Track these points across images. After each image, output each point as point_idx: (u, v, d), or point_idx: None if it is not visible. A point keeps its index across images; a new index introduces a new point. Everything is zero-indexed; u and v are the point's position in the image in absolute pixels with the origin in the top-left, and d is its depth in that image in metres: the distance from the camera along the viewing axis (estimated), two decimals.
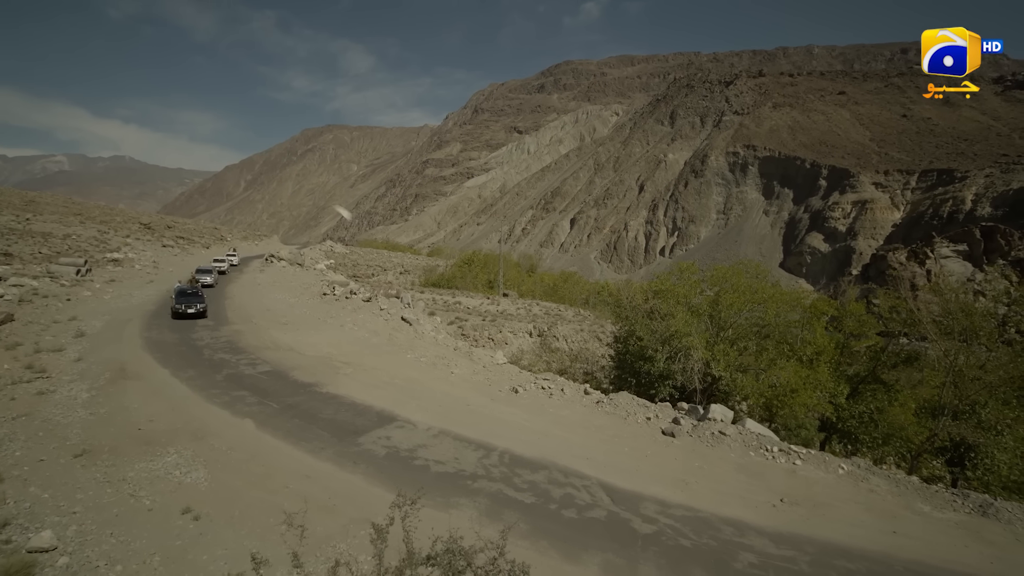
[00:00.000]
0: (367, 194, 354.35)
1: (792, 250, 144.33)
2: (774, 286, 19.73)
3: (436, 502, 9.22)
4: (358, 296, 27.93)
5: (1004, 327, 15.25)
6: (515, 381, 17.17)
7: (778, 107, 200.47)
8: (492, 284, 51.50)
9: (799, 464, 12.01)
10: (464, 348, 21.57)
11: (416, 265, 63.82)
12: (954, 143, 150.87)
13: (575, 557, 8.14)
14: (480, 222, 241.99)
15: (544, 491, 10.17)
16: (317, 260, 49.97)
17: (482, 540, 4.69)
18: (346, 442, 11.84)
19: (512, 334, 31.24)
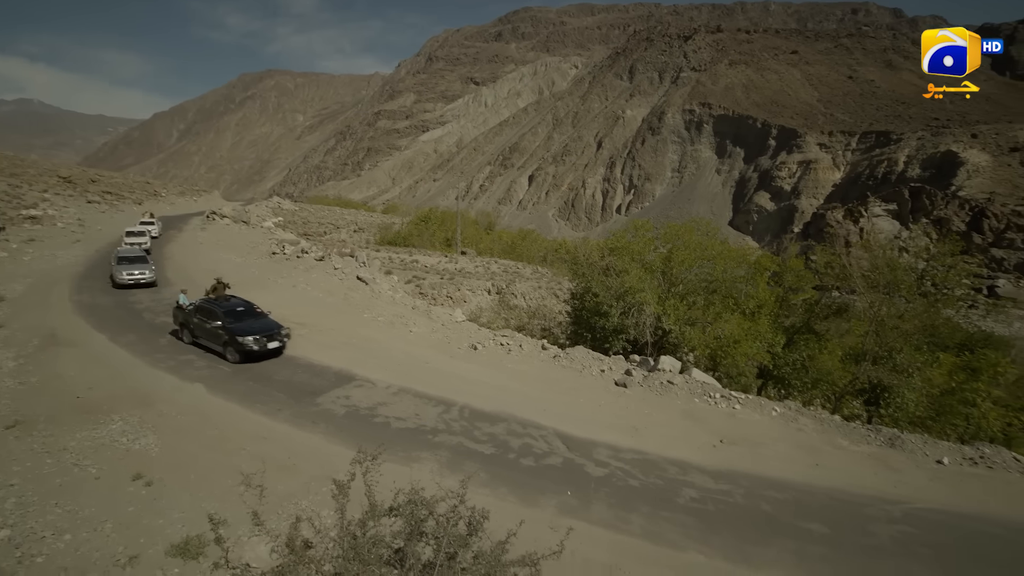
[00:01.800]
0: (315, 147, 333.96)
1: (741, 208, 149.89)
2: (723, 243, 20.59)
3: (398, 457, 9.42)
4: (310, 255, 26.90)
5: (922, 280, 16.75)
6: (474, 338, 17.37)
7: (734, 65, 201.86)
8: (450, 242, 50.86)
9: (738, 408, 13.03)
10: (422, 307, 21.47)
11: (371, 223, 61.77)
12: (893, 106, 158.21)
13: (533, 501, 8.64)
14: (436, 178, 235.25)
15: (503, 442, 10.58)
16: (264, 217, 47.35)
17: (443, 490, 4.87)
18: (304, 403, 11.75)
19: (471, 292, 31.29)
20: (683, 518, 8.49)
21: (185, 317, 15.21)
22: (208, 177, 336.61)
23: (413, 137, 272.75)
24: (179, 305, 15.81)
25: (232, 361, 13.85)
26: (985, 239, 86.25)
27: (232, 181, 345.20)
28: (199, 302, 15.50)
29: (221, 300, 15.53)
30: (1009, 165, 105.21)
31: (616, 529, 8.09)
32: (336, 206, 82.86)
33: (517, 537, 4.96)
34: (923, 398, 15.10)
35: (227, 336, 13.97)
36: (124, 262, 20.55)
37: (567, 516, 8.13)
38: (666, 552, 7.65)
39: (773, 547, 7.91)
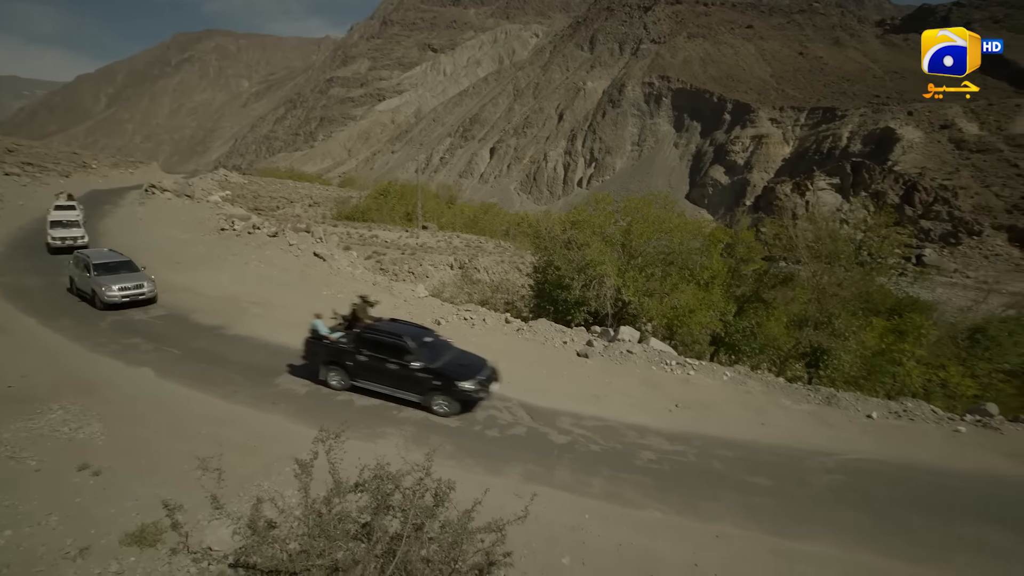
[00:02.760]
0: (263, 115, 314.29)
1: (697, 182, 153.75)
2: (680, 216, 21.18)
3: (362, 434, 9.39)
4: (263, 231, 25.69)
5: (859, 251, 17.94)
6: (437, 313, 17.29)
7: (692, 38, 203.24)
8: (410, 216, 49.78)
9: (692, 374, 13.70)
10: (384, 283, 21.08)
11: (327, 196, 59.39)
12: (839, 83, 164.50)
13: (498, 470, 8.86)
14: (395, 150, 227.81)
15: (468, 415, 10.72)
16: (210, 191, 44.58)
17: (409, 464, 4.92)
18: (262, 384, 11.43)
19: (433, 267, 30.94)
20: (641, 478, 8.96)
21: (334, 353, 11.01)
22: (145, 148, 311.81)
23: (369, 106, 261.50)
24: (318, 336, 11.38)
25: (441, 413, 10.41)
26: (915, 211, 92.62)
27: (172, 152, 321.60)
28: (362, 331, 11.16)
29: (386, 325, 11.66)
30: (939, 142, 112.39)
31: (579, 492, 8.44)
32: (289, 179, 78.98)
33: (483, 505, 5.10)
34: (857, 359, 16.36)
35: (434, 380, 10.34)
36: (105, 271, 15.34)
37: (532, 483, 8.40)
38: (625, 511, 8.07)
39: (722, 500, 8.50)
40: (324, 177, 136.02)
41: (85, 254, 16.49)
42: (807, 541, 7.64)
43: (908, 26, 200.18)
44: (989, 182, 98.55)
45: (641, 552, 7.11)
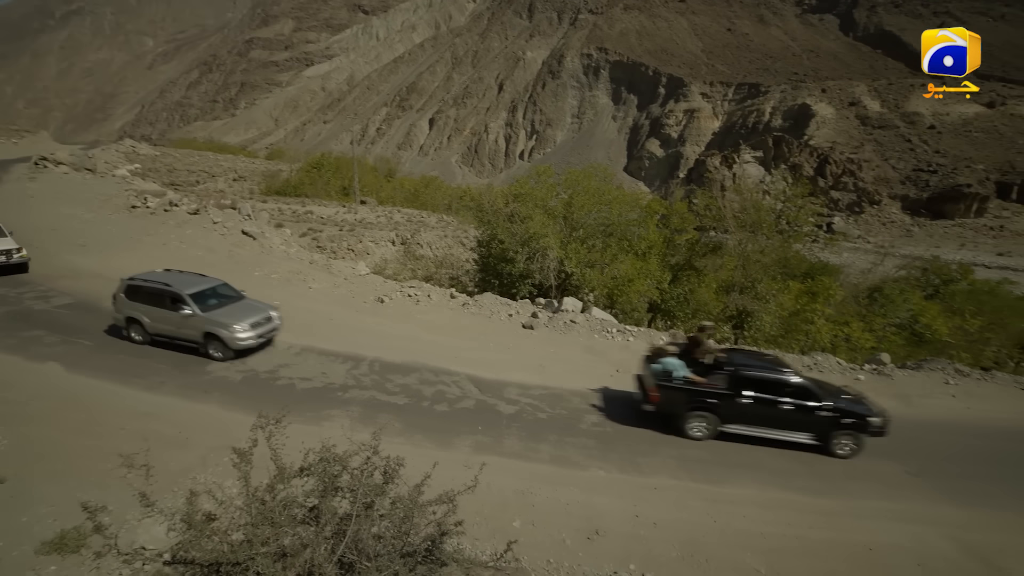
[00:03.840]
0: (174, 79, 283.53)
1: (634, 155, 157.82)
2: (618, 189, 21.76)
3: (306, 417, 9.13)
4: (181, 208, 23.59)
5: (779, 220, 19.37)
6: (380, 291, 16.88)
7: (628, 9, 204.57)
8: (347, 191, 47.51)
9: (632, 340, 14.40)
10: (321, 261, 20.18)
11: (253, 170, 55.21)
12: (763, 60, 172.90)
13: (448, 443, 8.98)
14: (327, 120, 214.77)
15: (416, 391, 10.71)
16: (116, 164, 40.00)
17: (356, 444, 4.87)
18: (192, 372, 10.75)
19: (374, 243, 29.96)
20: (585, 441, 9.43)
21: (704, 398, 9.42)
22: (30, 114, 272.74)
23: (296, 72, 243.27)
24: (669, 377, 9.59)
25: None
26: (827, 183, 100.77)
27: (66, 120, 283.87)
28: (739, 368, 9.55)
29: (749, 358, 10.27)
30: (847, 118, 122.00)
31: (527, 459, 8.76)
32: (209, 151, 72.44)
33: (434, 478, 5.17)
34: (776, 320, 17.88)
35: (841, 417, 9.16)
36: (213, 304, 11.78)
37: (481, 453, 8.59)
38: (571, 472, 8.50)
39: (660, 455, 9.15)
40: (249, 149, 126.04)
41: (155, 280, 11.71)
42: (732, 485, 8.44)
43: (823, 6, 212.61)
44: (888, 155, 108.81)
45: (587, 509, 7.55)
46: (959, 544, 7.41)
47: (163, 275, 12.38)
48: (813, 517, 7.77)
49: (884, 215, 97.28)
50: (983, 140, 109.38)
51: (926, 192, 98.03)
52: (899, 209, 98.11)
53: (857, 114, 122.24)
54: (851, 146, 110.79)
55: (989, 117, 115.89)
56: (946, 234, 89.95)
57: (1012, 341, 19.72)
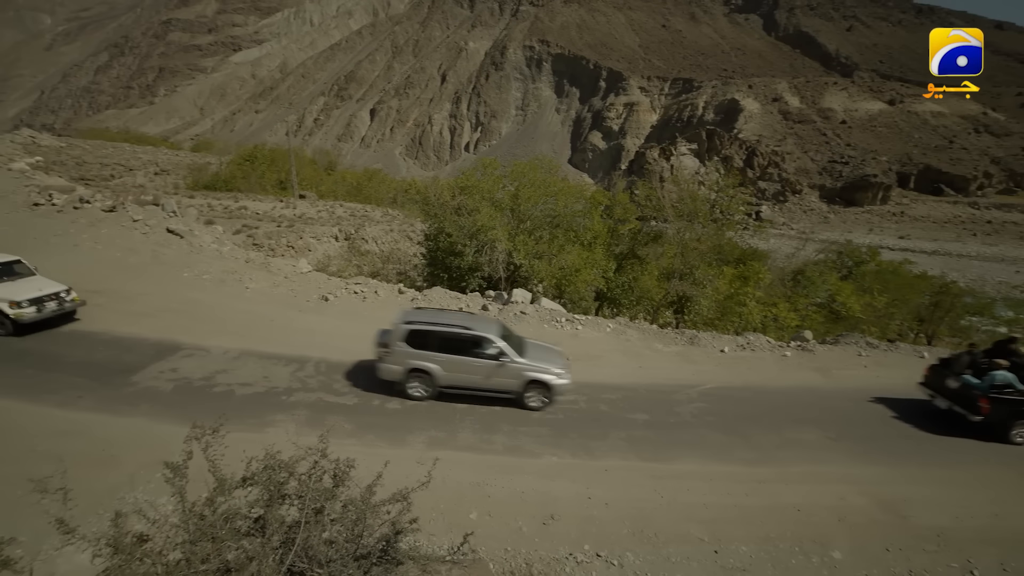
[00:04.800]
0: (79, 62, 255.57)
1: (578, 147, 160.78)
2: (563, 180, 22.11)
3: (248, 424, 8.69)
4: (95, 205, 21.47)
5: (713, 209, 20.49)
6: (324, 289, 16.25)
7: (568, 3, 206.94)
8: (284, 185, 45.12)
9: (580, 329, 14.77)
10: (259, 259, 19.12)
11: (177, 163, 51.08)
12: (695, 56, 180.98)
13: (401, 441, 8.86)
14: (259, 109, 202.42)
15: (367, 391, 10.44)
16: (12, 157, 35.67)
17: (303, 449, 4.68)
18: (114, 384, 9.90)
19: (315, 240, 28.71)
20: (538, 429, 9.60)
21: None
22: None
23: (222, 57, 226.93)
24: (1001, 389, 10.08)
25: None
26: (754, 173, 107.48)
27: None
28: None
29: None
30: (771, 113, 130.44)
31: (481, 451, 8.81)
32: (125, 142, 66.20)
33: (387, 478, 5.08)
34: (712, 303, 18.96)
35: None
36: (534, 351, 10.79)
37: (436, 449, 8.55)
38: (526, 461, 8.65)
39: (609, 438, 9.49)
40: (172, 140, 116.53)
41: (450, 323, 10.36)
42: (676, 462, 8.92)
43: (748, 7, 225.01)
44: (807, 148, 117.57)
45: (541, 495, 7.72)
46: (872, 498, 8.26)
47: (450, 315, 11.06)
48: (749, 485, 8.38)
49: (805, 203, 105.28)
50: (886, 134, 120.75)
51: (839, 182, 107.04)
52: (817, 198, 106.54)
53: (780, 109, 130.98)
54: (775, 139, 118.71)
55: (890, 114, 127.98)
56: (857, 220, 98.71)
57: (912, 315, 22.07)
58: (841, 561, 6.96)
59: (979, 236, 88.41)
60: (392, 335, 10.07)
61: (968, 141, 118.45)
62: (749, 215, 26.32)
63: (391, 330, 10.16)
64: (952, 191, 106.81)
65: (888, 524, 7.75)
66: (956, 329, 22.65)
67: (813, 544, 7.21)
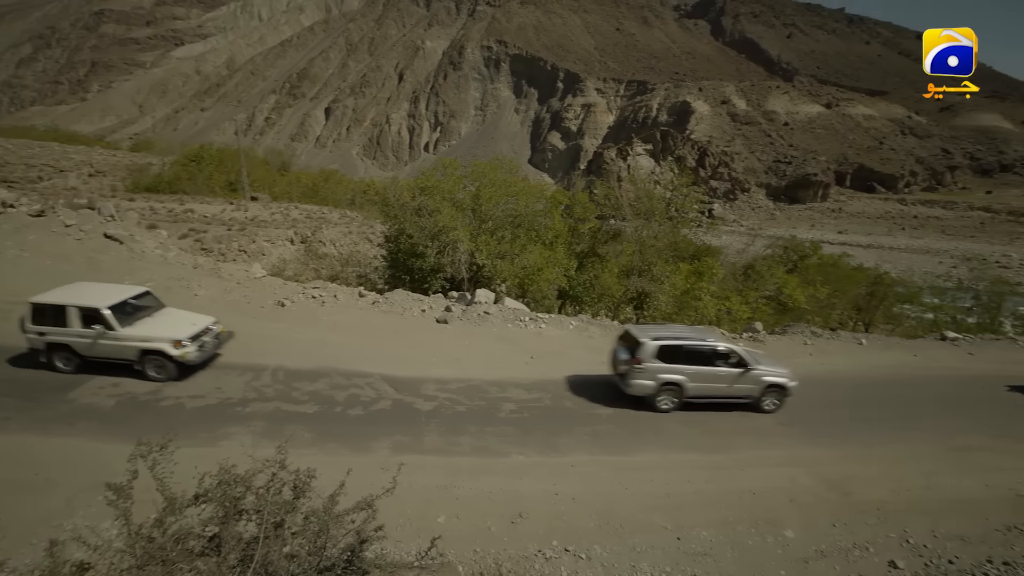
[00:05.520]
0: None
1: (538, 147, 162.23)
2: (524, 180, 22.24)
3: (200, 439, 8.27)
4: (20, 209, 19.78)
5: (669, 207, 21.16)
6: (280, 294, 15.67)
7: (524, 4, 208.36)
8: (234, 186, 43.13)
9: (544, 327, 14.91)
10: (208, 264, 18.20)
11: (115, 164, 47.84)
12: (648, 59, 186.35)
13: (365, 447, 8.66)
14: (205, 107, 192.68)
15: (327, 397, 10.15)
16: None
17: (260, 461, 4.50)
18: (47, 403, 9.18)
19: (269, 243, 27.62)
20: (504, 429, 9.62)
21: None
22: None
23: (163, 52, 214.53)
24: None
25: None
26: (706, 173, 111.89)
27: None
28: None
29: None
30: (720, 115, 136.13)
31: (448, 453, 8.74)
32: (54, 141, 61.38)
33: (351, 486, 4.96)
34: (670, 299, 19.59)
35: None
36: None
37: (401, 453, 8.41)
38: (493, 461, 8.64)
39: (575, 434, 9.63)
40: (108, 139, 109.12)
41: (691, 337, 11.15)
42: (639, 453, 9.16)
43: (697, 12, 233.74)
44: (753, 149, 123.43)
45: (509, 495, 7.75)
46: (820, 479, 8.77)
47: (679, 329, 11.94)
48: (707, 472, 8.72)
49: (753, 201, 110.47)
50: (824, 136, 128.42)
51: (784, 180, 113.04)
52: (764, 196, 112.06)
53: (728, 111, 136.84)
54: (724, 140, 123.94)
55: (828, 116, 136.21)
56: (800, 216, 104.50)
57: (851, 304, 23.60)
58: (793, 539, 7.36)
59: (907, 230, 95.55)
60: (644, 351, 10.39)
61: (896, 142, 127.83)
62: (702, 213, 27.38)
63: (642, 346, 10.45)
64: (883, 188, 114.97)
65: (834, 502, 8.26)
66: (890, 317, 24.39)
67: (768, 525, 7.59)
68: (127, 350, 10.05)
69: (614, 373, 11.02)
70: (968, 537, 7.65)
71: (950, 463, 9.60)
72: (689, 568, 6.72)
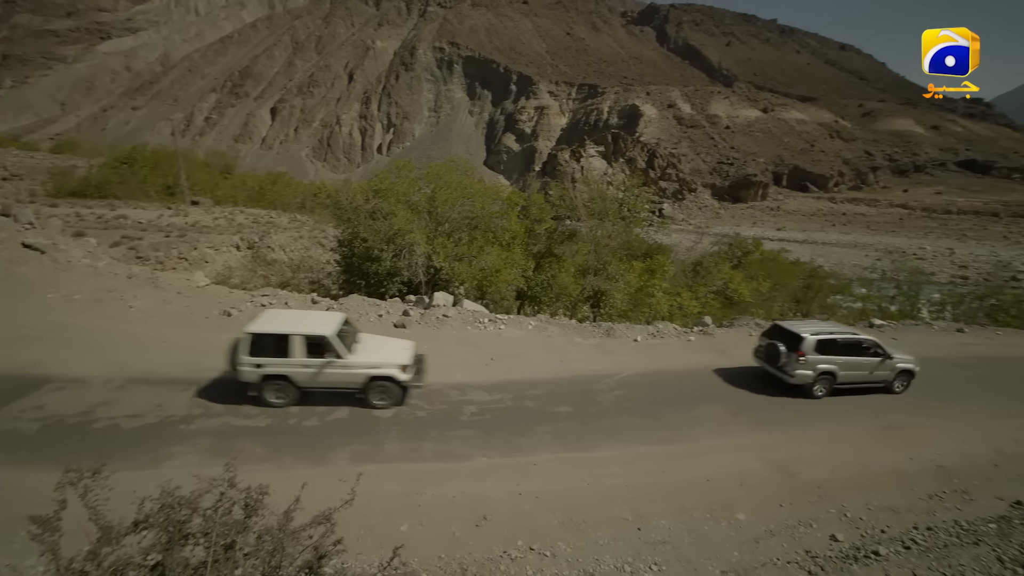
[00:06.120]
0: None
1: (493, 149, 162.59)
2: (480, 182, 22.20)
3: (139, 461, 7.73)
4: None
5: (621, 207, 21.77)
6: (225, 303, 14.88)
7: (476, 6, 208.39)
8: (173, 190, 40.58)
9: (503, 328, 14.95)
10: (144, 274, 17.04)
11: (33, 166, 43.80)
12: (598, 64, 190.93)
13: (322, 459, 8.37)
14: (137, 106, 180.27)
15: (280, 410, 9.74)
16: None
17: (207, 481, 4.25)
18: None
19: (213, 250, 26.18)
20: (467, 432, 9.57)
21: None
22: None
23: (87, 45, 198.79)
24: None
25: None
26: (656, 174, 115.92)
27: None
28: None
29: None
30: (667, 118, 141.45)
31: (409, 460, 8.59)
32: None
33: (309, 499, 4.77)
34: (625, 296, 20.14)
35: None
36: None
37: (361, 463, 8.19)
38: (456, 465, 8.58)
39: (536, 433, 9.72)
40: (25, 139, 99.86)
41: (845, 331, 13.09)
42: (599, 449, 9.36)
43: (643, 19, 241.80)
44: (699, 150, 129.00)
45: (473, 498, 7.71)
46: (767, 462, 9.28)
47: (817, 325, 13.34)
48: (665, 463, 9.03)
49: (699, 201, 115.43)
50: (762, 138, 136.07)
51: (727, 181, 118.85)
52: (710, 195, 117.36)
53: (674, 115, 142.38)
54: (672, 142, 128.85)
55: (765, 120, 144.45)
56: (743, 215, 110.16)
57: (790, 297, 25.12)
58: (745, 521, 7.75)
59: (837, 226, 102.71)
60: (806, 345, 11.84)
61: (825, 145, 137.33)
62: (653, 212, 28.34)
63: (804, 341, 11.86)
64: (815, 188, 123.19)
65: (780, 483, 8.76)
66: (824, 307, 26.14)
67: (721, 509, 7.94)
68: (354, 377, 9.80)
69: (771, 366, 12.36)
70: (897, 507, 8.32)
71: (880, 441, 10.41)
72: (650, 557, 6.92)
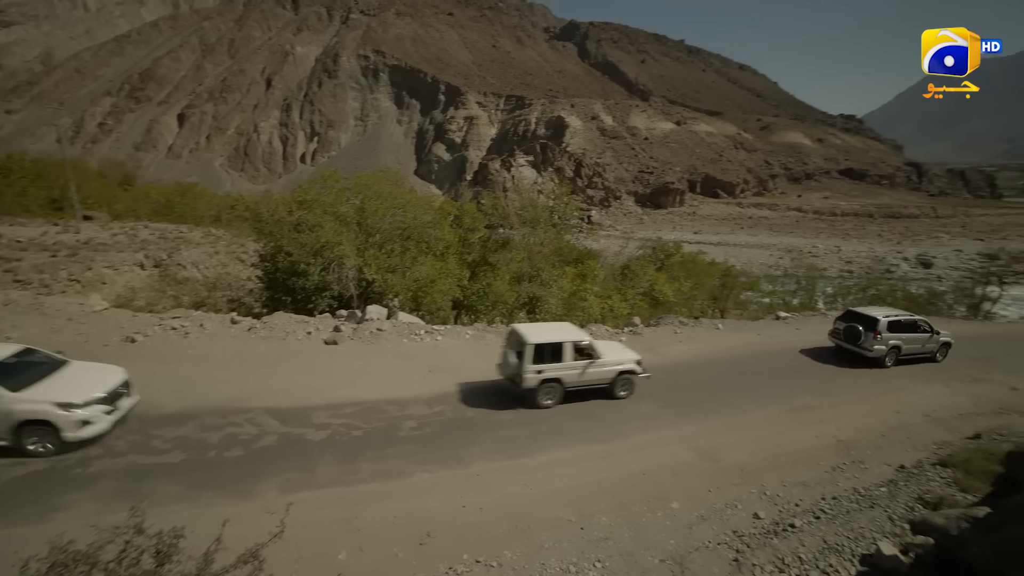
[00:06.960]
0: None
1: (423, 158, 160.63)
2: (411, 192, 21.88)
3: (22, 516, 6.74)
4: None
5: (552, 215, 22.40)
6: (129, 328, 13.44)
7: (401, 15, 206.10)
8: (60, 204, 36.07)
9: (440, 339, 14.75)
10: (27, 299, 14.97)
11: None
12: (524, 76, 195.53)
13: (248, 492, 7.76)
14: (13, 108, 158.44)
15: (197, 442, 8.93)
16: None
17: (107, 531, 3.79)
18: None
19: (112, 269, 23.48)
20: (406, 448, 9.31)
21: None
22: None
23: None
24: None
25: None
26: (583, 182, 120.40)
27: None
28: None
29: None
30: (591, 129, 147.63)
31: (346, 483, 8.19)
32: None
33: (233, 537, 4.42)
34: (560, 301, 20.65)
35: None
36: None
37: (292, 492, 7.69)
38: (395, 483, 8.29)
39: (478, 443, 9.65)
40: None
41: (905, 314, 16.55)
42: (542, 453, 9.48)
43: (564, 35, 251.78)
44: (621, 160, 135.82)
45: (415, 515, 7.49)
46: (696, 451, 9.88)
47: (879, 309, 17.10)
48: (604, 461, 9.32)
49: (624, 208, 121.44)
50: (677, 149, 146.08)
51: (648, 189, 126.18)
52: (633, 203, 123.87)
53: (598, 126, 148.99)
54: (596, 152, 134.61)
55: (678, 133, 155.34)
56: (664, 220, 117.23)
57: (708, 295, 27.03)
58: (679, 509, 8.17)
59: (745, 229, 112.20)
60: (881, 325, 14.88)
61: (731, 155, 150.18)
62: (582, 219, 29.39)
63: (879, 322, 14.93)
64: (725, 194, 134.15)
65: (708, 470, 9.36)
66: (738, 303, 28.42)
67: (657, 500, 8.33)
68: (607, 374, 11.70)
69: (852, 344, 15.27)
70: (807, 482, 9.18)
71: (792, 422, 11.45)
72: (593, 555, 7.09)
